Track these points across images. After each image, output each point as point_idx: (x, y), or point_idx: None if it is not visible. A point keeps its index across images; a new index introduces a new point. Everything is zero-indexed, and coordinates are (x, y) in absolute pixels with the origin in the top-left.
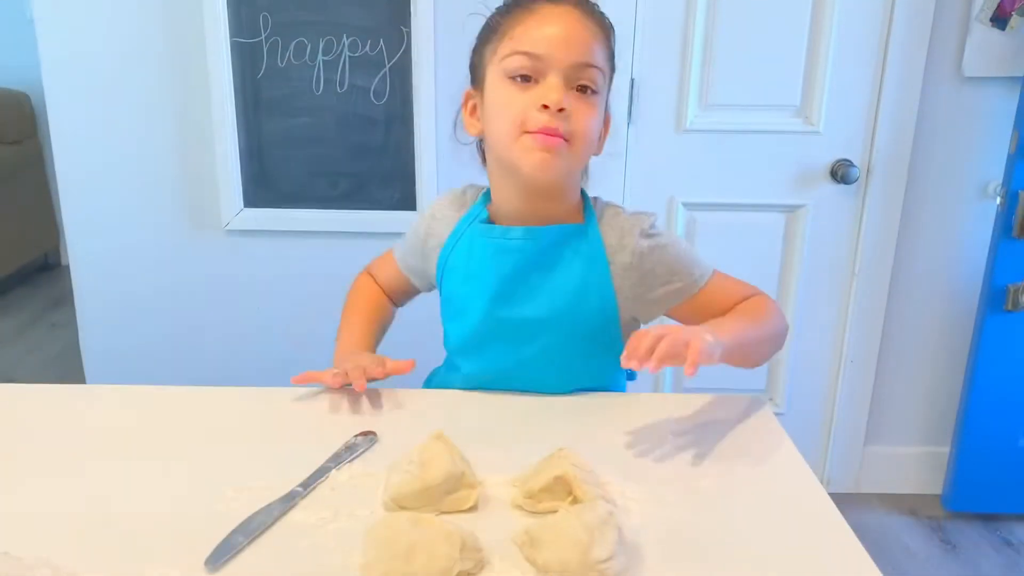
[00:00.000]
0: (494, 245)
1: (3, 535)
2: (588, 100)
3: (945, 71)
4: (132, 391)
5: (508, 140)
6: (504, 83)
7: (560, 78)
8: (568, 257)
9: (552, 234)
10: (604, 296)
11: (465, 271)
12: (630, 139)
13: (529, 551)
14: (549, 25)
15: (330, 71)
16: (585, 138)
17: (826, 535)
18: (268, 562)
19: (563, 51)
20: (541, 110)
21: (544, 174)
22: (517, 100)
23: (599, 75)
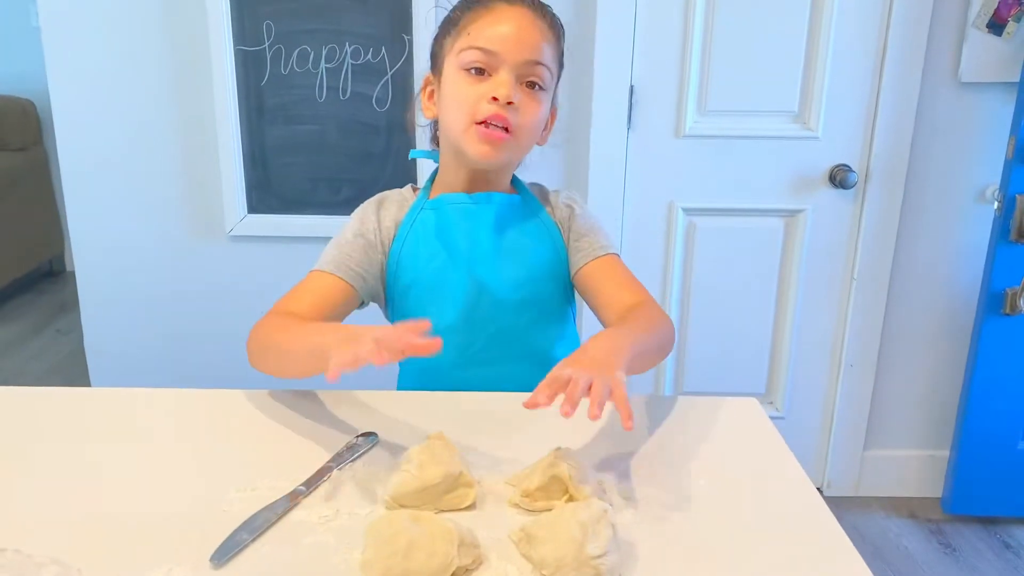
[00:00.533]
0: (461, 209)
1: (12, 534)
2: (535, 96)
3: (942, 77)
4: (137, 394)
5: (459, 128)
6: (459, 75)
7: (511, 74)
8: (520, 218)
9: (500, 200)
10: (558, 247)
11: (427, 251)
12: (629, 145)
13: (525, 547)
14: (503, 23)
15: (333, 79)
16: (529, 131)
17: (818, 535)
18: (272, 558)
19: (515, 49)
20: (491, 102)
21: (488, 161)
22: (470, 92)
23: (547, 73)
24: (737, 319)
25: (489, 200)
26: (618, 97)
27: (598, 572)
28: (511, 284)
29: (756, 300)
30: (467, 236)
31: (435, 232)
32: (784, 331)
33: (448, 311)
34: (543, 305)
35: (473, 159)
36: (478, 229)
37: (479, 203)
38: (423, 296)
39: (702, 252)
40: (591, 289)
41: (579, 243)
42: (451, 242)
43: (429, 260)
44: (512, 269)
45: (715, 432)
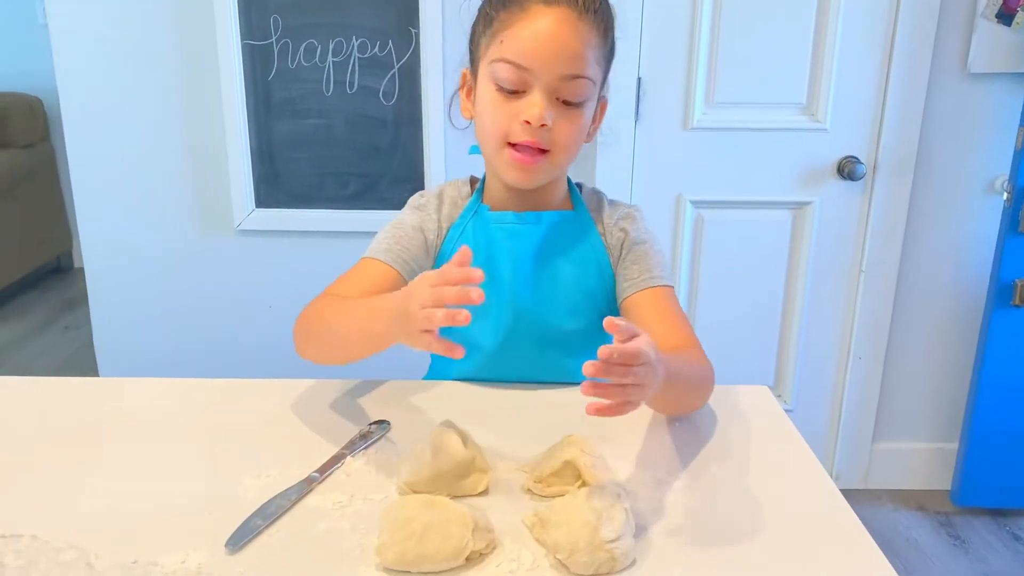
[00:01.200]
0: (507, 229)
1: (30, 520)
2: (573, 112)
3: (951, 67)
4: (149, 383)
5: (492, 148)
6: (491, 88)
7: (544, 92)
8: (569, 241)
9: (551, 218)
10: (604, 274)
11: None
12: (637, 137)
13: (539, 532)
14: (539, 32)
15: (340, 72)
16: (566, 149)
17: (832, 522)
18: (286, 544)
19: (549, 64)
20: (523, 125)
21: (525, 185)
22: (502, 110)
23: (588, 86)
24: (745, 312)
25: (538, 220)
26: (626, 89)
27: (612, 556)
28: (551, 312)
29: (764, 293)
30: (511, 259)
31: (482, 247)
32: (792, 323)
33: (488, 334)
34: (582, 333)
35: (510, 183)
36: (522, 253)
37: (526, 223)
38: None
39: (710, 245)
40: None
41: (629, 270)
42: (495, 265)
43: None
44: (554, 297)
45: (727, 420)
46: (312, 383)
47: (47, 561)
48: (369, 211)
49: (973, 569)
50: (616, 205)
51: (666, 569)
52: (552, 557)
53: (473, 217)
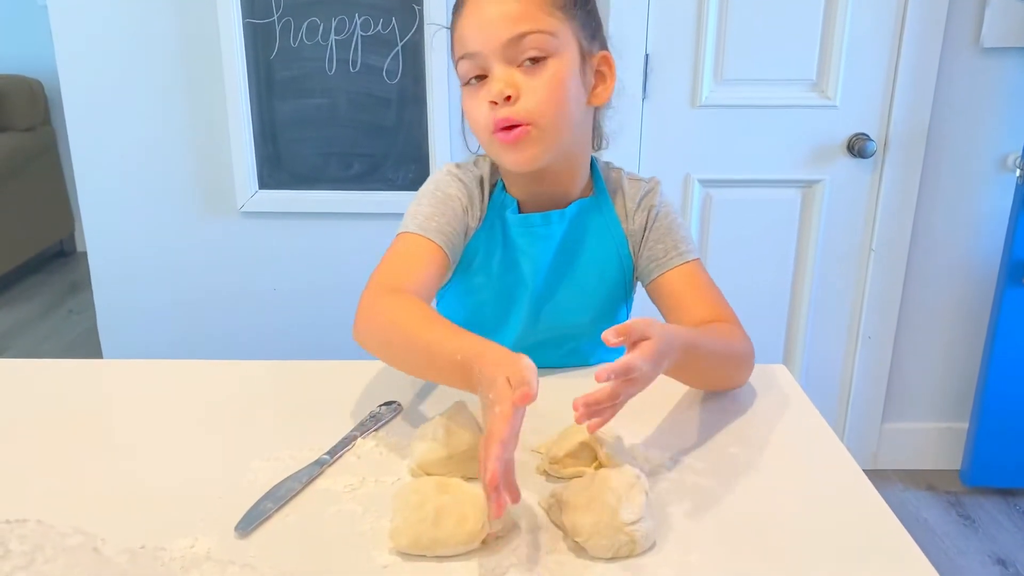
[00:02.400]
0: (531, 234)
1: (35, 504)
2: (538, 71)
3: (963, 42)
4: (155, 365)
5: (485, 144)
6: (465, 91)
7: (501, 63)
8: (589, 231)
9: (571, 213)
10: (624, 265)
11: (501, 265)
12: (645, 115)
13: (556, 514)
14: (474, 15)
15: (343, 51)
16: (546, 112)
17: (854, 502)
18: (297, 527)
19: (490, 36)
20: (491, 107)
21: (526, 167)
22: (475, 102)
23: (544, 38)
24: (754, 291)
25: (561, 219)
26: (633, 66)
27: (632, 539)
28: (570, 309)
29: (773, 272)
30: (531, 262)
31: (498, 250)
32: (801, 303)
33: (510, 328)
34: (599, 321)
35: (512, 170)
36: (542, 254)
37: (551, 223)
38: (487, 306)
39: (718, 224)
40: (667, 301)
41: (654, 249)
42: (518, 266)
43: (501, 274)
44: (573, 292)
45: (745, 399)
46: (320, 364)
47: (53, 546)
48: (373, 192)
49: (983, 548)
50: (635, 182)
51: (687, 552)
52: (570, 540)
53: (501, 210)
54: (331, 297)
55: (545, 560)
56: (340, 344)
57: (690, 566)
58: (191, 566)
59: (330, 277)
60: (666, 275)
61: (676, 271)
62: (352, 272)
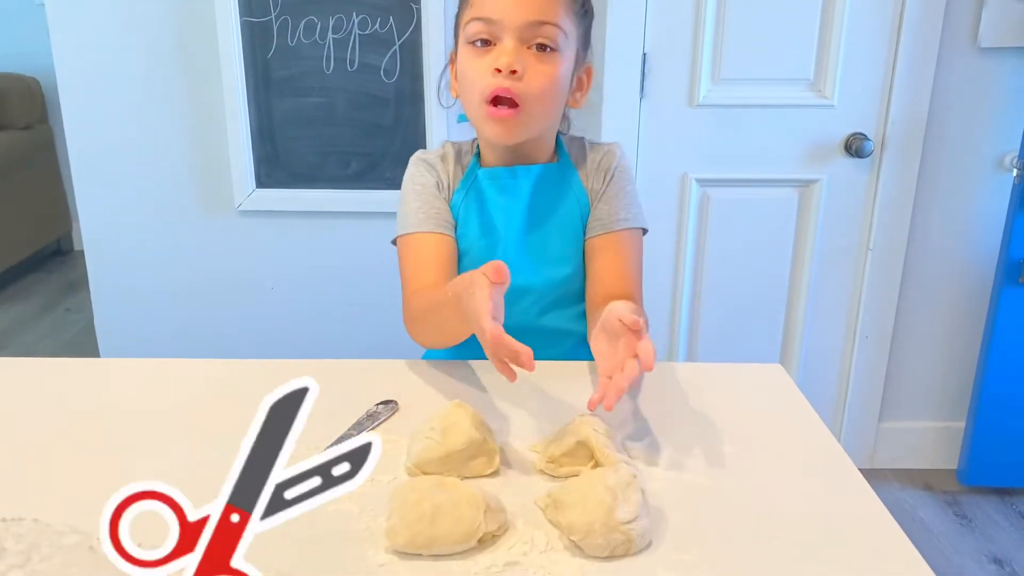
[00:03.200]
0: (498, 185)
1: (31, 502)
2: (545, 58)
3: (961, 42)
4: (151, 364)
5: (473, 108)
6: (467, 49)
7: (514, 39)
8: (554, 193)
9: (536, 172)
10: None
11: (480, 224)
12: (642, 114)
13: (552, 513)
14: None
15: (340, 50)
16: (541, 99)
17: (850, 501)
18: (293, 526)
19: (515, 11)
20: (494, 74)
21: (505, 141)
22: (477, 66)
23: (557, 33)
24: (751, 290)
25: (527, 174)
26: (631, 65)
27: (628, 538)
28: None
29: (770, 271)
30: (503, 216)
31: (485, 207)
32: (798, 302)
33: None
34: (570, 278)
35: (491, 141)
36: (513, 209)
37: (518, 177)
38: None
39: (716, 223)
40: (589, 262)
41: (599, 210)
42: (494, 220)
43: (481, 236)
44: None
45: (741, 398)
46: (317, 363)
47: (49, 545)
48: (371, 191)
49: (980, 548)
50: (596, 147)
51: (683, 551)
52: (566, 538)
53: (475, 178)
54: (328, 296)
55: (541, 559)
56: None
57: (686, 565)
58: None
59: (327, 276)
60: (599, 239)
61: (609, 237)
62: (349, 271)
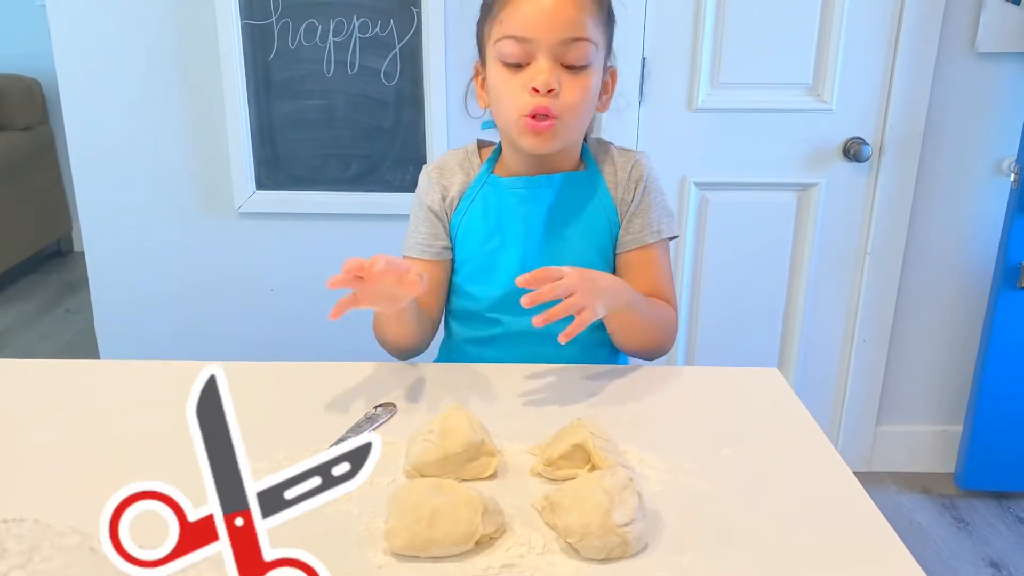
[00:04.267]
0: (519, 195)
1: (32, 503)
2: (579, 75)
3: (959, 47)
4: (150, 366)
5: (508, 123)
6: (499, 67)
7: (548, 58)
8: (579, 201)
9: (562, 179)
10: (614, 232)
11: (484, 230)
12: (641, 118)
13: (549, 516)
14: (533, 4)
15: (341, 52)
16: (577, 112)
17: (845, 505)
18: (292, 528)
19: (548, 31)
20: (532, 93)
21: (541, 151)
22: (511, 85)
23: (590, 48)
24: (749, 294)
25: (549, 183)
26: (630, 69)
27: (624, 541)
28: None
29: (769, 275)
30: (522, 220)
31: (492, 214)
32: (796, 306)
33: (496, 289)
34: None
35: (527, 151)
36: (533, 214)
37: (539, 186)
38: (473, 274)
39: (715, 227)
40: (622, 274)
41: (632, 223)
42: (506, 227)
43: (484, 241)
44: (564, 254)
45: (738, 402)
46: (316, 365)
47: (50, 546)
48: (371, 193)
49: (977, 552)
50: (623, 154)
51: (679, 553)
52: (563, 541)
53: (483, 187)
54: (328, 298)
55: (538, 561)
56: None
57: (682, 567)
58: (187, 566)
59: (326, 277)
60: (631, 254)
61: (640, 252)
62: None
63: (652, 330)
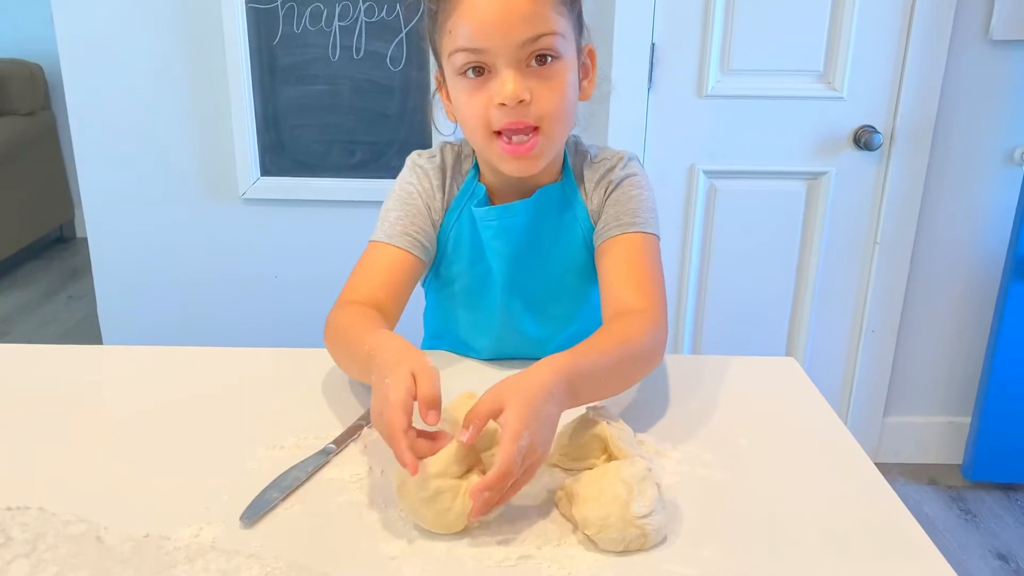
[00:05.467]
0: (496, 227)
1: (36, 491)
2: (551, 74)
3: (973, 34)
4: (157, 352)
5: (481, 142)
6: (458, 80)
7: (511, 66)
8: (555, 215)
9: (535, 201)
10: (589, 246)
11: (471, 254)
12: (650, 105)
13: (566, 507)
14: (480, 6)
15: (346, 37)
16: (557, 118)
17: (867, 495)
18: (304, 517)
19: (504, 35)
20: (500, 108)
21: (527, 173)
22: (475, 99)
23: (555, 39)
24: (757, 283)
25: (524, 209)
26: (639, 56)
27: (643, 533)
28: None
29: (777, 264)
30: (497, 253)
31: (466, 243)
32: (805, 296)
33: (483, 317)
34: (570, 302)
35: (509, 174)
36: (510, 243)
37: (513, 215)
38: (461, 297)
39: (723, 215)
40: (600, 272)
41: (606, 213)
42: (485, 259)
43: (471, 264)
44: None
45: (754, 392)
46: (323, 352)
47: (55, 534)
48: (376, 179)
49: (984, 543)
50: (598, 162)
51: (698, 546)
52: (580, 532)
53: (466, 206)
54: (333, 285)
55: (555, 553)
56: None
57: (703, 560)
58: (195, 556)
59: (332, 265)
60: (604, 245)
61: (613, 242)
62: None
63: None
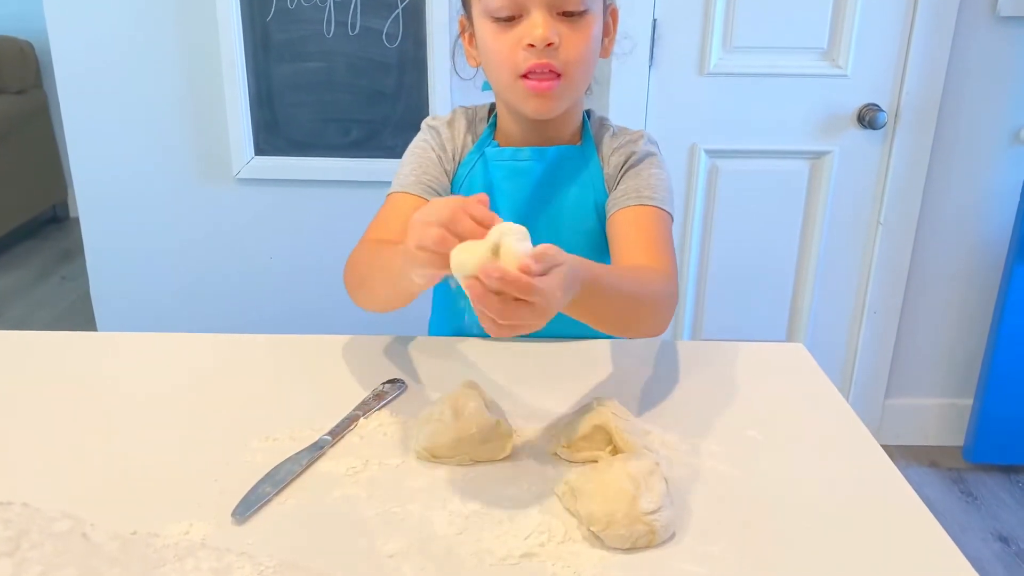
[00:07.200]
0: (507, 167)
1: (20, 486)
2: (578, 24)
3: (980, 10)
4: (148, 338)
5: (504, 84)
6: (488, 23)
7: (543, 10)
8: (570, 177)
9: (554, 154)
10: (601, 214)
11: None
12: (651, 83)
13: (570, 502)
14: None
15: (341, 13)
16: (580, 65)
17: (878, 484)
18: (298, 512)
19: None
20: (528, 49)
21: (546, 114)
22: (504, 42)
23: None
24: (759, 264)
25: (540, 157)
26: (640, 32)
27: (651, 529)
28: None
29: (779, 244)
30: (508, 195)
31: (489, 186)
32: (807, 276)
33: None
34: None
35: (529, 115)
36: (520, 193)
37: (528, 159)
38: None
39: (725, 195)
40: (612, 239)
41: (620, 187)
42: (496, 200)
43: None
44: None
45: (763, 380)
46: (320, 339)
47: (39, 531)
48: (372, 159)
49: (985, 525)
50: (620, 133)
51: (708, 543)
52: (585, 529)
53: (480, 156)
54: (328, 266)
55: (559, 550)
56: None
57: (712, 557)
58: (185, 554)
59: (327, 245)
60: (618, 213)
61: (628, 211)
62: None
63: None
